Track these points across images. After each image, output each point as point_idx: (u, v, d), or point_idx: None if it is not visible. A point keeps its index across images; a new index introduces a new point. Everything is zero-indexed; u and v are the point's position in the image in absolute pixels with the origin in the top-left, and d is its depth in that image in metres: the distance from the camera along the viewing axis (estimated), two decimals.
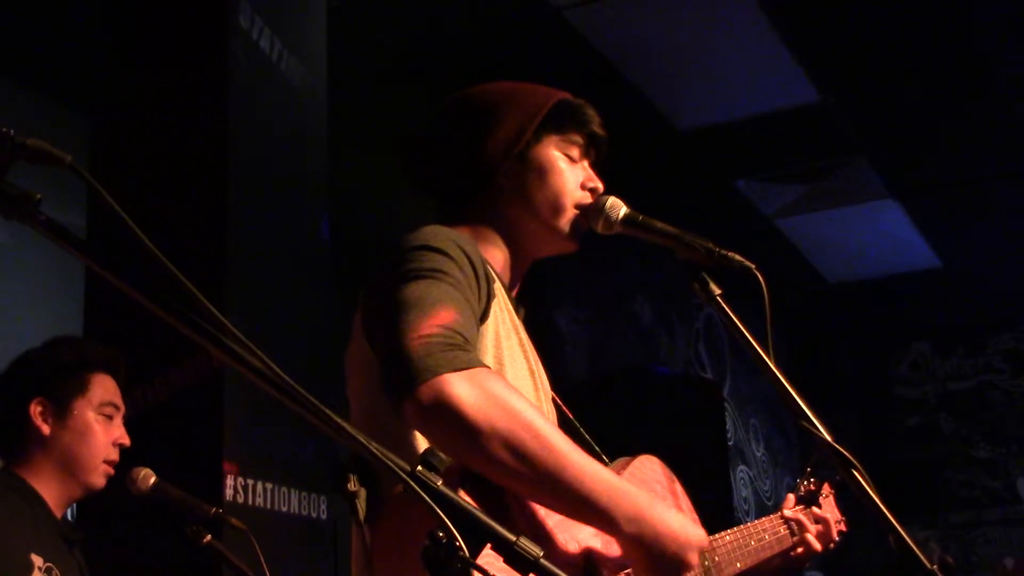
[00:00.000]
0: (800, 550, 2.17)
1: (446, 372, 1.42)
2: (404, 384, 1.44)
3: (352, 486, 1.39)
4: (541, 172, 1.83)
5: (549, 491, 1.46)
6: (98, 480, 2.44)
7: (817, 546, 2.18)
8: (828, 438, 1.60)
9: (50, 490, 2.40)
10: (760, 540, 2.07)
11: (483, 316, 1.67)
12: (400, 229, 1.72)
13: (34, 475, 2.39)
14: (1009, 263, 9.03)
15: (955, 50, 6.10)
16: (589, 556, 1.60)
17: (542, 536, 1.53)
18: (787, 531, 2.17)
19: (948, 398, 10.55)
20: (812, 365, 10.19)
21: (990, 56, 6.16)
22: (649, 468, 1.87)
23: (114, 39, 3.82)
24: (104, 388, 2.47)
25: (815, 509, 2.22)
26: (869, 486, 1.57)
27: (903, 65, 6.22)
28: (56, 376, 2.44)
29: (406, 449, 1.58)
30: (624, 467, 1.84)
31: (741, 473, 9.16)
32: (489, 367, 1.50)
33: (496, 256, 1.83)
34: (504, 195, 1.83)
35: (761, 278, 1.68)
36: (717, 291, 1.72)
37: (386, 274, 1.61)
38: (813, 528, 2.19)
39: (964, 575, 9.59)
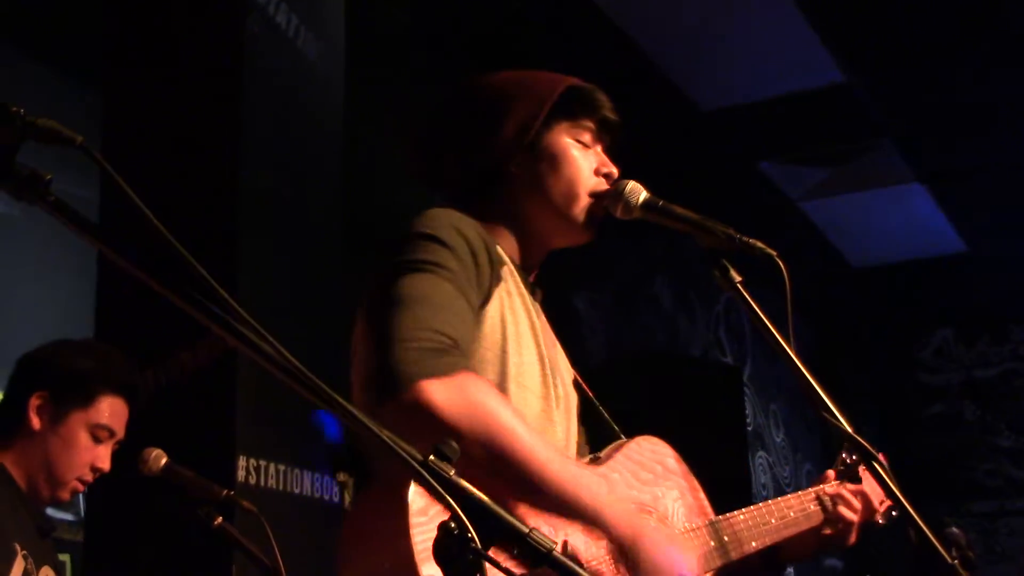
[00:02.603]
0: (837, 526, 2.09)
1: (426, 378, 1.47)
2: (386, 389, 1.48)
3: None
4: (553, 161, 1.81)
5: (531, 491, 1.51)
6: (63, 494, 2.41)
7: (852, 517, 2.08)
8: (849, 429, 1.58)
9: (24, 483, 2.37)
10: (783, 517, 2.01)
11: (485, 300, 1.66)
12: (416, 207, 1.70)
13: (12, 463, 2.36)
14: None
15: (984, 31, 6.00)
16: (566, 546, 1.61)
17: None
18: (817, 508, 2.09)
19: (972, 386, 10.44)
20: (834, 351, 10.11)
21: (1020, 38, 6.05)
22: (648, 449, 1.86)
23: (128, 15, 3.79)
24: (110, 411, 2.42)
25: (854, 485, 2.12)
26: (890, 478, 1.56)
27: (930, 46, 6.13)
28: (68, 379, 2.40)
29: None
30: (616, 451, 1.81)
31: (760, 459, 9.10)
32: (472, 372, 1.53)
33: (510, 243, 1.81)
34: (516, 186, 1.82)
35: (783, 266, 1.64)
36: (738, 279, 1.68)
37: (386, 264, 1.64)
38: (855, 501, 2.09)
39: (987, 566, 9.50)
